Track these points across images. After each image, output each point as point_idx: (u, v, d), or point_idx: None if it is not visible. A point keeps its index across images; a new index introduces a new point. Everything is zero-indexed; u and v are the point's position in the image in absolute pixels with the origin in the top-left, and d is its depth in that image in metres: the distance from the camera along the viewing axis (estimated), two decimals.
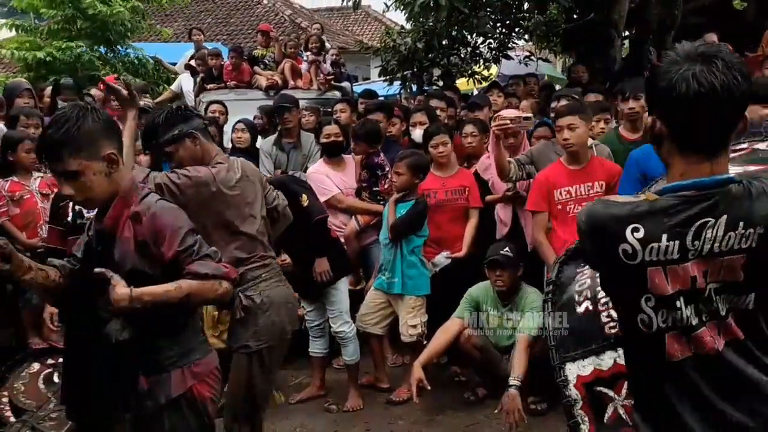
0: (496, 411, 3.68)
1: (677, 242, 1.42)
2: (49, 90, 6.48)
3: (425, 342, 4.12)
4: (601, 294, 2.16)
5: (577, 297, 2.25)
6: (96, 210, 2.23)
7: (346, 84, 8.24)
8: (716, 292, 1.45)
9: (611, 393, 2.16)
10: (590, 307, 2.21)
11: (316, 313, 4.27)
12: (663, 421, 1.49)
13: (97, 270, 2.01)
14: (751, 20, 7.69)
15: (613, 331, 2.15)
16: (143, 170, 2.82)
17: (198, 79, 7.82)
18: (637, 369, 1.57)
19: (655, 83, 1.45)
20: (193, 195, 2.74)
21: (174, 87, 8.50)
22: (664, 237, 1.42)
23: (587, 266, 2.21)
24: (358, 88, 8.67)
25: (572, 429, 2.20)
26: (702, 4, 7.68)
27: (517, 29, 8.25)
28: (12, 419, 3.93)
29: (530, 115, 4.29)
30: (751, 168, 2.06)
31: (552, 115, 4.49)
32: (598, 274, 1.83)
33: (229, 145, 5.51)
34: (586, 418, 2.18)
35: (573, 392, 2.20)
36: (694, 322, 1.44)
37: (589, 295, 2.23)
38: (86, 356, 3.64)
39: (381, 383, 4.42)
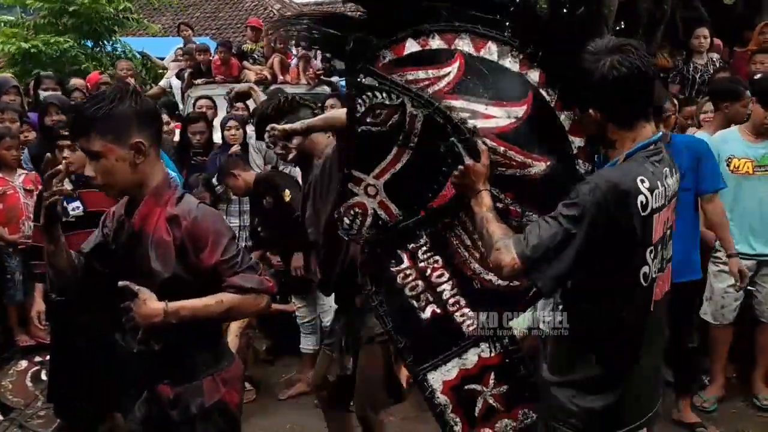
0: None
1: (662, 188, 1.73)
2: (32, 85, 6.42)
3: None
4: (447, 293, 2.08)
5: (415, 303, 2.09)
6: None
7: (335, 79, 8.20)
8: (669, 237, 1.83)
9: (479, 387, 2.11)
10: (438, 310, 2.08)
11: (307, 309, 4.26)
12: (627, 364, 1.77)
13: (121, 283, 1.90)
14: (739, 15, 7.70)
15: (471, 328, 2.08)
16: None
17: (186, 75, 7.77)
18: (612, 323, 1.76)
19: (588, 81, 1.71)
20: None
21: (162, 83, 8.44)
22: (658, 183, 1.72)
23: (404, 263, 2.08)
24: None
25: None
26: None
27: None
28: (0, 417, 3.91)
29: None
30: None
31: None
32: (432, 270, 2.03)
33: (220, 141, 5.47)
34: (458, 419, 2.13)
35: (441, 399, 2.12)
36: (657, 269, 1.77)
37: (431, 298, 2.08)
38: (76, 355, 3.64)
39: None
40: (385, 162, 2.04)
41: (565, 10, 2.07)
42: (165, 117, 5.97)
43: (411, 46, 2.02)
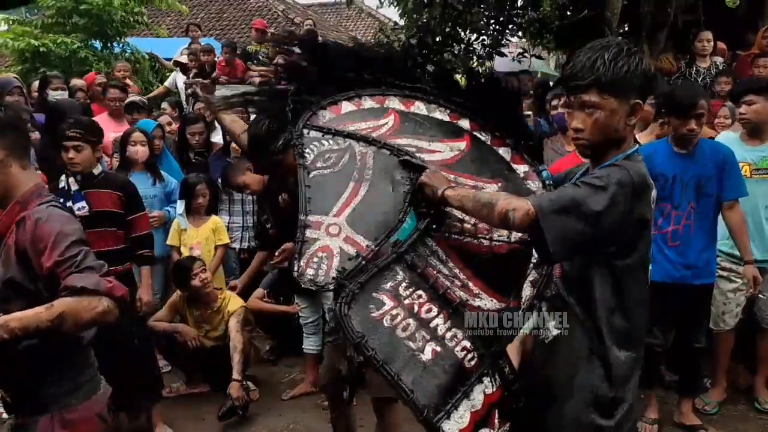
0: None
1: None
2: (35, 85, 6.36)
3: None
4: (442, 327, 1.86)
5: (412, 344, 1.80)
6: None
7: None
8: None
9: (488, 430, 1.88)
10: (437, 348, 1.83)
11: (310, 309, 4.27)
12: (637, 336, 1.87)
13: None
14: (742, 18, 7.71)
15: (472, 363, 1.86)
16: None
17: (190, 76, 7.79)
18: (621, 304, 1.82)
19: (626, 74, 1.75)
20: None
21: (168, 83, 8.47)
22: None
23: (387, 304, 1.83)
24: None
25: None
26: (694, 3, 7.69)
27: (510, 26, 8.25)
28: None
29: (529, 112, 4.28)
30: None
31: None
32: (419, 306, 1.83)
33: (221, 141, 5.50)
34: None
35: None
36: None
37: (427, 336, 1.83)
38: None
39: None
40: (344, 198, 1.96)
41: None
42: (167, 117, 6.01)
43: (347, 107, 2.14)
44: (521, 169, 2.23)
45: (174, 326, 4.36)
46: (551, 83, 7.67)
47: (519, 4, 7.93)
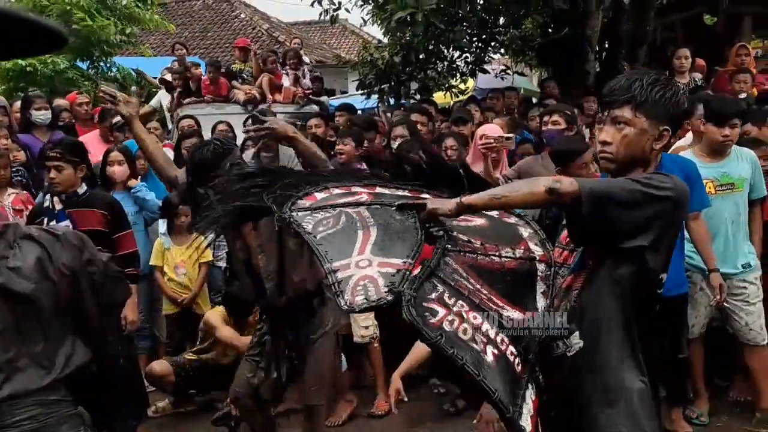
0: (474, 422, 3.70)
1: None
2: (17, 105, 6.23)
3: (376, 345, 4.27)
4: (492, 332, 1.88)
5: (475, 346, 1.82)
6: None
7: (324, 98, 8.28)
8: None
9: None
10: (495, 351, 1.85)
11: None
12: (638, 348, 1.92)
13: None
14: (720, 35, 7.87)
15: (520, 368, 1.89)
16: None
17: (175, 94, 7.82)
18: (640, 310, 1.93)
19: (665, 102, 1.88)
20: None
21: (153, 102, 8.48)
22: None
23: (440, 311, 1.84)
24: (336, 102, 8.71)
25: None
26: (673, 20, 7.85)
27: (493, 43, 8.35)
28: None
29: (512, 135, 4.35)
30: None
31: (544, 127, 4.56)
32: (467, 313, 1.85)
33: None
34: None
35: None
36: None
37: (484, 339, 1.85)
38: None
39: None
40: (359, 242, 1.95)
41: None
42: (153, 136, 6.00)
43: (319, 195, 2.22)
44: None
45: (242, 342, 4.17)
46: (533, 99, 7.78)
47: (501, 22, 8.03)
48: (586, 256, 2.00)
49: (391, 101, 8.07)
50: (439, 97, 8.87)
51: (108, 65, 10.64)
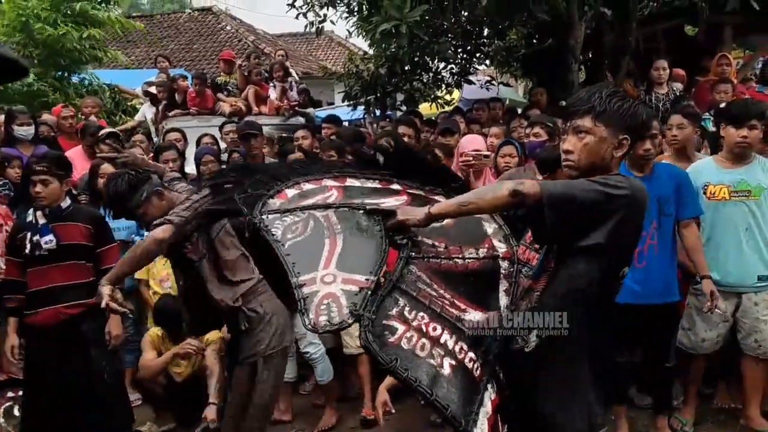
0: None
1: None
2: (1, 119, 6.23)
3: (365, 355, 4.18)
4: (450, 342, 1.94)
5: (432, 362, 1.87)
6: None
7: (311, 110, 8.29)
8: None
9: None
10: (453, 362, 1.91)
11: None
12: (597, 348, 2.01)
13: None
14: (700, 44, 7.95)
15: (478, 372, 1.97)
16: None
17: (161, 107, 7.80)
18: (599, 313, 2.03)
19: (627, 113, 2.01)
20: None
21: (138, 116, 8.45)
22: None
23: (400, 328, 1.89)
24: (323, 113, 8.72)
25: None
26: (655, 30, 7.92)
27: (478, 54, 8.41)
28: None
29: (489, 153, 4.44)
30: None
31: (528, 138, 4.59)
32: (426, 326, 1.93)
33: (193, 172, 5.49)
34: None
35: None
36: None
37: (442, 352, 1.91)
38: (48, 391, 3.59)
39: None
40: (325, 253, 2.01)
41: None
42: (139, 149, 5.97)
43: (291, 192, 2.31)
44: None
45: (166, 358, 4.28)
46: (519, 110, 7.82)
47: (486, 33, 8.09)
48: (547, 259, 2.09)
49: (377, 112, 8.10)
50: (425, 108, 8.92)
51: (81, 76, 10.47)
